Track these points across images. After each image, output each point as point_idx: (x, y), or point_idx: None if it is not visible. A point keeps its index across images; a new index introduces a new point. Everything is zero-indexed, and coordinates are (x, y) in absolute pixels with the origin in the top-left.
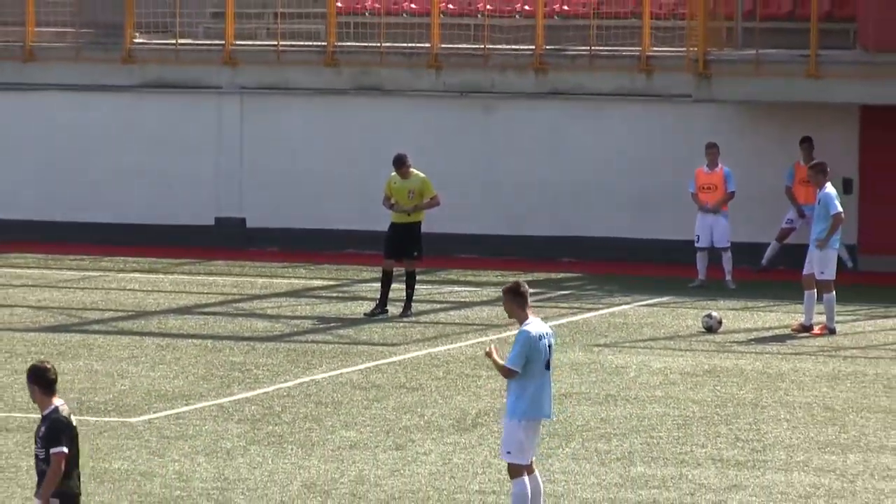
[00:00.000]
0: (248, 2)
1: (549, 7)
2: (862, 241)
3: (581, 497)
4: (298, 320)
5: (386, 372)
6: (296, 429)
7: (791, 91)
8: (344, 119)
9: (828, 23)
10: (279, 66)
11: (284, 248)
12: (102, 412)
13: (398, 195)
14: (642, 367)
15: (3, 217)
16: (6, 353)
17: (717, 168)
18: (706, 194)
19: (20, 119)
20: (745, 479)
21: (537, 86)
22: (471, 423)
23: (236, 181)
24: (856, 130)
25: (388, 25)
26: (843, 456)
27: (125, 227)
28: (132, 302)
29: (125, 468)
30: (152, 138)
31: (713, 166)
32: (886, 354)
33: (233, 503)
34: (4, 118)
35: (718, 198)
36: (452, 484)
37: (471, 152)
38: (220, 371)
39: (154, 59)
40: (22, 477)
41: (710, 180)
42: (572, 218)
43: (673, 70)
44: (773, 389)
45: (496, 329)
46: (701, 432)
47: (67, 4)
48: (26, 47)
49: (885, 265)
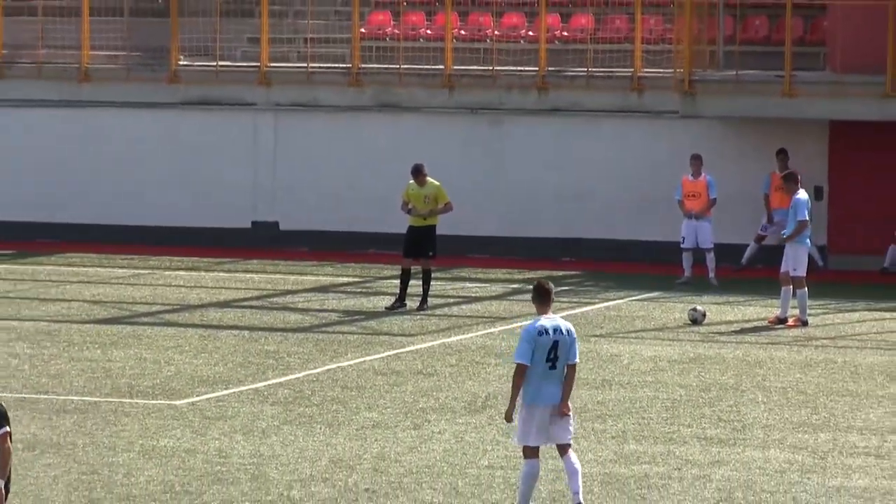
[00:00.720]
0: (281, 28)
1: (551, 33)
2: (831, 242)
3: (580, 472)
4: (326, 313)
5: (404, 359)
6: (324, 410)
7: (768, 108)
8: (367, 133)
9: (800, 46)
10: (309, 86)
11: (313, 249)
12: (150, 395)
13: (415, 201)
14: (634, 355)
15: (63, 220)
16: (64, 342)
17: (701, 177)
18: (691, 201)
19: (77, 133)
20: (727, 455)
21: (540, 103)
22: (481, 405)
23: (270, 188)
24: (825, 143)
25: (406, 49)
26: (815, 435)
27: (171, 230)
28: (177, 297)
29: (171, 445)
30: (195, 150)
31: (697, 175)
32: (853, 344)
33: (267, 477)
34: (63, 132)
35: (702, 204)
36: (464, 460)
37: (480, 163)
38: (256, 359)
39: (196, 80)
40: (79, 453)
41: (695, 188)
42: (572, 221)
43: (662, 89)
44: (752, 375)
45: (504, 321)
46: (687, 413)
47: (119, 30)
48: (82, 69)
49: (853, 264)
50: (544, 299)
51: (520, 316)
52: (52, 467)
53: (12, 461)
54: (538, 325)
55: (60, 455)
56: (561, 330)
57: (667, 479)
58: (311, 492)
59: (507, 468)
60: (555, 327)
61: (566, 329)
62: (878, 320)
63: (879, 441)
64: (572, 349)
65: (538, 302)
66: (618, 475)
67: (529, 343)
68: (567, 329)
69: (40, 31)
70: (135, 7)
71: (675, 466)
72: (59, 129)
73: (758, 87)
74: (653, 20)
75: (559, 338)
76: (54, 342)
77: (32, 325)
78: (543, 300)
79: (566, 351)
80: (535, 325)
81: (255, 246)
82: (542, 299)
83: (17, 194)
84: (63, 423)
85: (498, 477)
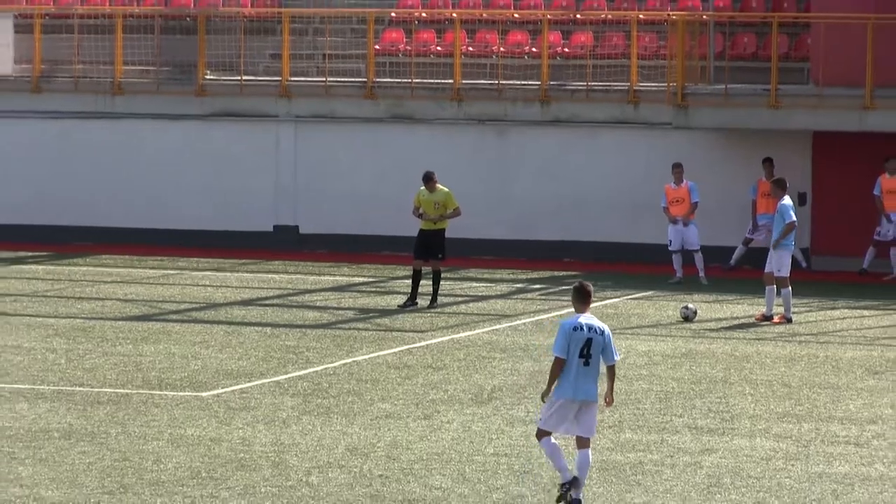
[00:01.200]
0: (301, 45)
1: (553, 49)
2: (814, 244)
3: (588, 468)
4: (343, 311)
5: (416, 354)
6: (340, 402)
7: (755, 119)
8: (381, 143)
9: (786, 62)
10: (327, 99)
11: (331, 250)
12: (178, 388)
13: (426, 206)
14: (630, 349)
15: (97, 224)
16: (98, 338)
17: (683, 184)
18: (675, 207)
19: (110, 143)
20: (716, 443)
21: (543, 115)
22: (487, 396)
23: (291, 194)
24: (809, 152)
25: (417, 65)
26: (798, 424)
27: (198, 233)
28: (203, 295)
29: (197, 434)
30: (220, 159)
31: (679, 182)
32: (835, 340)
33: (288, 464)
34: (97, 141)
35: (685, 209)
36: (471, 448)
37: (487, 170)
38: (277, 353)
39: (222, 93)
40: (111, 442)
41: (678, 195)
42: (572, 225)
43: (656, 102)
44: (740, 369)
45: (508, 319)
46: (679, 405)
47: (150, 47)
48: (115, 82)
49: (835, 265)
50: (584, 299)
51: (524, 313)
52: (87, 454)
53: None
54: (575, 321)
55: (94, 443)
56: (596, 329)
57: (660, 465)
58: (329, 477)
59: (510, 456)
60: (590, 326)
61: (601, 329)
62: (857, 318)
63: (859, 430)
64: (608, 349)
65: (578, 301)
66: (614, 462)
67: (564, 337)
68: (602, 329)
69: (76, 47)
70: (165, 25)
71: (668, 454)
72: (94, 139)
73: (746, 99)
74: (648, 38)
75: (593, 336)
76: (89, 338)
77: (69, 322)
78: (583, 300)
79: (600, 349)
80: (571, 320)
81: (277, 248)
82: (582, 299)
83: (55, 199)
84: (97, 413)
85: (503, 464)
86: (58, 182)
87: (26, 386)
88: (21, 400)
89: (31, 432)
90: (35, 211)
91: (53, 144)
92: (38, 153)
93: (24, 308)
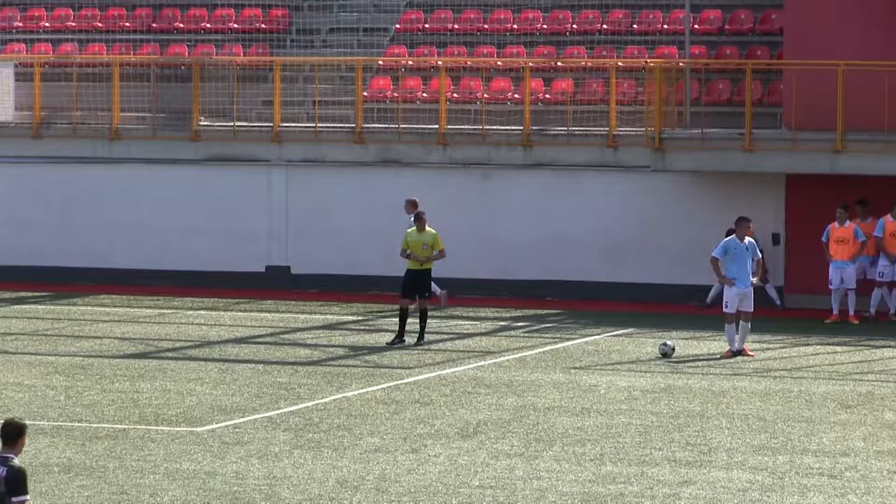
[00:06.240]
0: (292, 91)
1: (535, 95)
2: (788, 283)
3: (561, 491)
4: (333, 348)
5: (403, 390)
6: (331, 436)
7: (730, 162)
8: (369, 186)
9: (759, 107)
10: (317, 144)
11: (322, 290)
12: (174, 423)
13: (414, 247)
14: (611, 385)
15: (93, 265)
16: (97, 375)
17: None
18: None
19: (108, 186)
20: (694, 475)
21: (525, 158)
22: (472, 430)
23: (283, 236)
24: (782, 194)
25: (404, 110)
26: (774, 457)
27: (192, 274)
28: (198, 334)
29: (192, 468)
30: (215, 201)
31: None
32: (808, 375)
33: (280, 497)
34: (95, 185)
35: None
36: (457, 480)
37: (472, 212)
38: (269, 389)
39: (216, 138)
40: (109, 475)
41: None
42: (554, 265)
43: (634, 145)
44: (717, 403)
45: (493, 355)
46: (658, 438)
47: (146, 94)
48: (113, 128)
49: (807, 302)
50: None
51: (508, 350)
52: (85, 488)
53: None
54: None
55: (93, 477)
56: (747, 246)
57: (640, 497)
58: None
59: (496, 488)
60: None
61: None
62: (830, 353)
63: (832, 463)
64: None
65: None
66: (596, 494)
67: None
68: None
69: (75, 94)
70: (160, 73)
71: (648, 486)
72: (92, 183)
73: (721, 143)
74: (626, 84)
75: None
76: (88, 375)
77: (68, 360)
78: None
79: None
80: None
81: (269, 288)
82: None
83: (54, 241)
84: (95, 448)
85: (488, 496)
86: (56, 224)
87: (27, 422)
88: None
89: (31, 467)
90: (35, 252)
91: (53, 188)
92: (39, 197)
93: (24, 346)
